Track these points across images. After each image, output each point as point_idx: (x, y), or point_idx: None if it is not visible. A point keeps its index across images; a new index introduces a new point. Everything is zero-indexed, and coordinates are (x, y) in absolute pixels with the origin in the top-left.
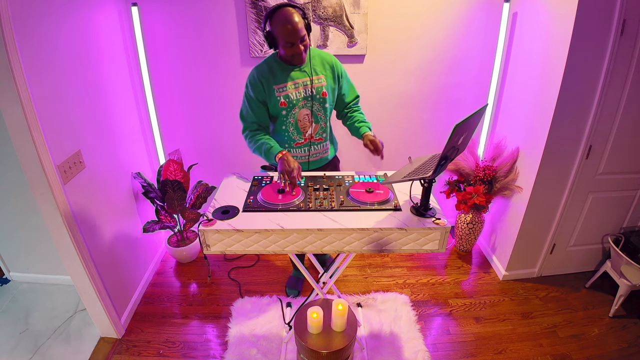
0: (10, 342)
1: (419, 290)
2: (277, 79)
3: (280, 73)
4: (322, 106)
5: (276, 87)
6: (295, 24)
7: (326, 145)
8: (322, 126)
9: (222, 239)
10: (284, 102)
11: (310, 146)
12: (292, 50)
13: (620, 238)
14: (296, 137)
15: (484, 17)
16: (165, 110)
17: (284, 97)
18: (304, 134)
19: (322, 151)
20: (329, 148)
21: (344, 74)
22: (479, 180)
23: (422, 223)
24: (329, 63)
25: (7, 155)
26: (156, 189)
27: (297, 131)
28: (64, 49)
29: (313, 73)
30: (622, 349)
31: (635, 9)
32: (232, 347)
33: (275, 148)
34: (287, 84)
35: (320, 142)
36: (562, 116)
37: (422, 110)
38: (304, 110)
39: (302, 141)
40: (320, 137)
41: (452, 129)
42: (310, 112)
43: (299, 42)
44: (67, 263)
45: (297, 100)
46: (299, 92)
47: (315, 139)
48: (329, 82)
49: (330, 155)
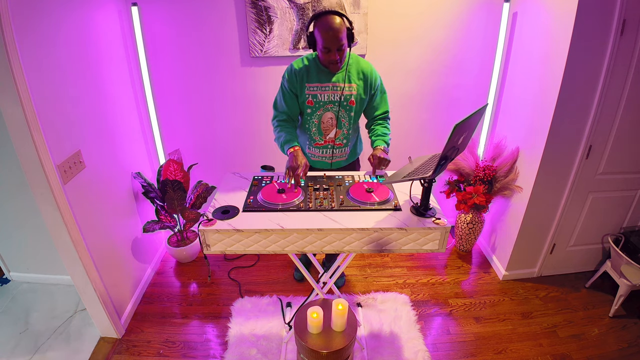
0: (10, 342)
1: (419, 290)
2: (311, 77)
3: (316, 73)
4: (348, 113)
5: (308, 85)
6: (337, 32)
7: (346, 150)
8: (344, 133)
9: (222, 238)
10: (311, 101)
11: (333, 149)
12: (328, 56)
13: (620, 238)
14: (317, 137)
15: (484, 17)
16: (165, 110)
17: (312, 97)
18: (324, 136)
19: (339, 155)
20: (348, 154)
21: (380, 87)
22: (479, 180)
23: (422, 223)
24: (365, 73)
25: (7, 155)
26: (156, 188)
27: (319, 132)
28: (64, 48)
29: (346, 80)
30: (622, 349)
31: (635, 9)
32: (232, 347)
33: (290, 142)
34: (319, 84)
35: (340, 147)
36: (562, 116)
37: (422, 110)
38: (329, 113)
39: (322, 142)
40: (341, 142)
41: (452, 128)
42: (334, 117)
43: (336, 49)
44: (67, 263)
45: (324, 103)
46: (327, 95)
47: (337, 143)
48: (360, 92)
49: (347, 160)
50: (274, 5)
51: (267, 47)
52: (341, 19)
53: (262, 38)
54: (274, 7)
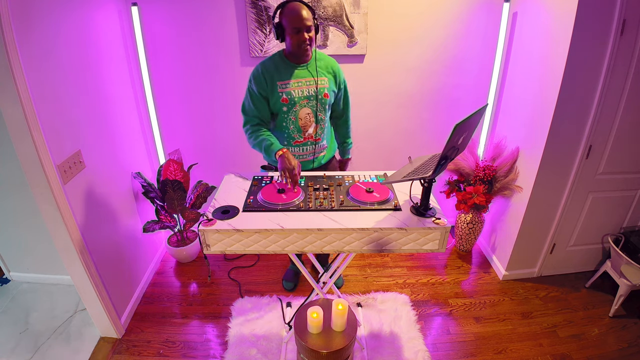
0: (10, 342)
1: (419, 290)
2: (282, 75)
3: (285, 70)
4: (323, 107)
5: (279, 83)
6: (303, 13)
7: (324, 144)
8: (322, 126)
9: (222, 238)
10: (286, 99)
11: (315, 145)
12: (297, 38)
13: (620, 238)
14: (296, 135)
15: (484, 17)
16: (165, 110)
17: (286, 94)
18: (304, 133)
19: (319, 149)
20: (326, 148)
21: (345, 84)
22: (479, 180)
23: (422, 223)
24: (333, 69)
25: (7, 155)
26: (156, 188)
27: (297, 129)
28: (64, 48)
29: (317, 74)
30: (622, 349)
31: (635, 9)
32: (232, 347)
33: (275, 145)
34: (291, 81)
35: (319, 142)
36: (562, 116)
37: (422, 110)
38: (305, 109)
39: (302, 140)
40: (319, 137)
41: (452, 128)
42: (311, 112)
43: (305, 30)
44: (67, 263)
45: (299, 99)
46: (301, 90)
47: (315, 138)
48: (331, 85)
49: (327, 155)
50: (273, 5)
51: (267, 47)
52: (306, 8)
53: (262, 38)
54: (274, 7)
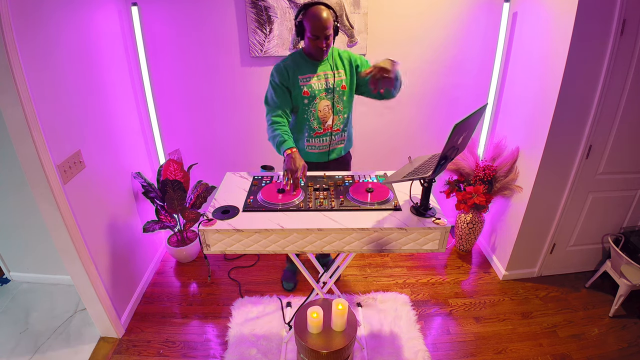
0: (10, 342)
1: (419, 290)
2: (302, 70)
3: (305, 66)
4: (341, 98)
5: (301, 77)
6: (325, 21)
7: (344, 135)
8: (341, 118)
9: (222, 238)
10: (307, 92)
11: (332, 136)
12: (315, 43)
13: (620, 238)
14: (316, 127)
15: (484, 17)
16: (165, 110)
17: (307, 87)
18: (323, 124)
19: (338, 140)
20: (346, 139)
21: (362, 60)
22: (479, 180)
23: (422, 223)
24: (346, 57)
25: (7, 155)
26: (156, 188)
27: (318, 121)
28: (64, 48)
29: (334, 67)
30: (622, 349)
31: (635, 9)
32: (232, 347)
33: (287, 143)
34: (311, 75)
35: (338, 133)
36: (562, 116)
37: (422, 110)
38: (324, 101)
39: (322, 131)
40: (339, 127)
41: (452, 128)
42: (330, 104)
43: (324, 38)
44: (67, 263)
45: (319, 91)
46: (321, 83)
47: (334, 129)
48: (347, 76)
49: (344, 148)
50: (274, 5)
51: (267, 47)
52: (328, 11)
53: (262, 38)
54: (274, 7)
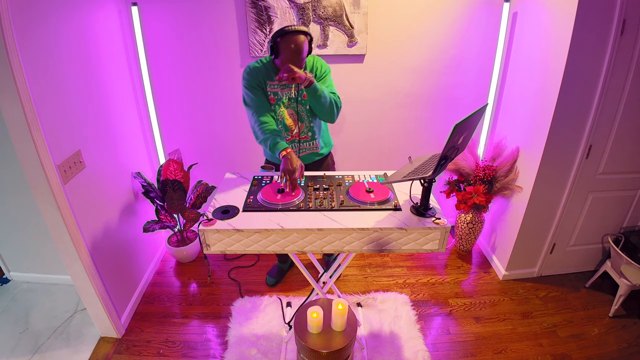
0: (10, 342)
1: (419, 290)
2: (271, 76)
3: (274, 73)
4: (305, 107)
5: (269, 83)
6: (301, 52)
7: (315, 143)
8: (307, 125)
9: (222, 238)
10: (273, 98)
11: (299, 143)
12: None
13: (620, 238)
14: (284, 133)
15: (484, 17)
16: (165, 110)
17: (273, 94)
18: (291, 132)
19: (310, 147)
20: (318, 145)
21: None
22: (479, 180)
23: (422, 223)
24: (311, 66)
25: (7, 155)
26: (156, 188)
27: (285, 128)
28: (64, 48)
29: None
30: (622, 349)
31: (635, 9)
32: (232, 347)
33: (280, 145)
34: (277, 83)
35: (307, 141)
36: (562, 116)
37: (422, 110)
38: (289, 109)
39: (289, 137)
40: (306, 135)
41: (452, 128)
42: (294, 112)
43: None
44: (67, 263)
45: (284, 100)
46: (285, 92)
47: (302, 137)
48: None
49: (322, 151)
50: (274, 5)
51: (267, 47)
52: (306, 40)
53: (262, 38)
54: (274, 7)
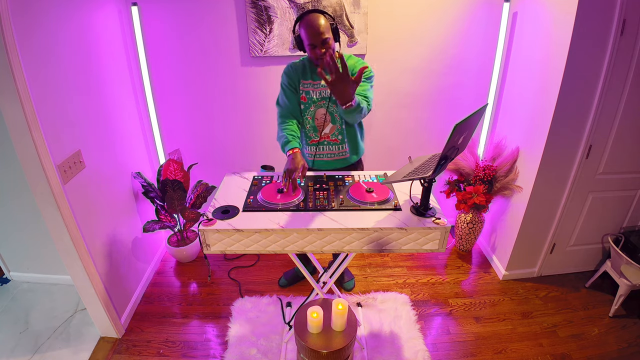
0: (10, 342)
1: (419, 290)
2: (305, 75)
3: (310, 71)
4: (338, 108)
5: (302, 82)
6: (318, 27)
7: (344, 147)
8: (338, 128)
9: (222, 238)
10: (304, 97)
11: (318, 146)
12: (314, 52)
13: (620, 238)
14: (312, 134)
15: (484, 17)
16: (165, 110)
17: (305, 93)
18: (319, 132)
19: (338, 152)
20: (348, 151)
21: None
22: (479, 179)
23: (422, 223)
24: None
25: (7, 155)
26: (156, 188)
27: (314, 129)
28: (64, 48)
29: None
30: (622, 349)
31: (635, 9)
32: (232, 346)
33: (290, 144)
34: (311, 82)
35: (336, 144)
36: (562, 116)
37: (422, 110)
38: (321, 109)
39: (317, 139)
40: (336, 138)
41: (452, 128)
42: (327, 112)
43: (321, 44)
44: (67, 263)
45: (317, 100)
46: (319, 92)
47: (331, 139)
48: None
49: (351, 158)
50: (274, 5)
51: (267, 47)
52: (323, 17)
53: (262, 38)
54: (274, 7)
